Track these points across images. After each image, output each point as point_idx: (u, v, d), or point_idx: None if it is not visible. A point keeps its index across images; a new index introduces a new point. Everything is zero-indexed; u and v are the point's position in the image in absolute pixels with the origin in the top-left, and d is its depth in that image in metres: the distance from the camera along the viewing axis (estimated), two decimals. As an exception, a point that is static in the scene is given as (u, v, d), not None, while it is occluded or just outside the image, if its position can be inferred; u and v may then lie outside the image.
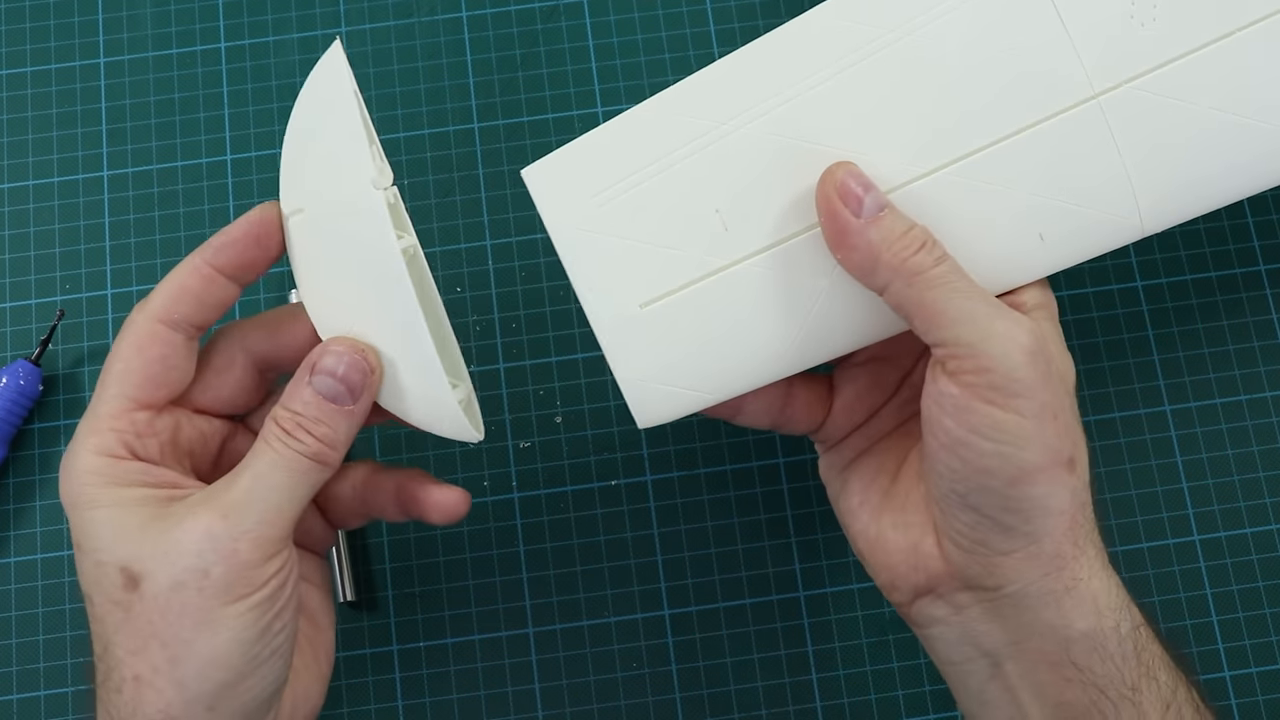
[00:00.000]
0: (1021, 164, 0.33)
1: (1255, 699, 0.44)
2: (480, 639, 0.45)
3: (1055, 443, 0.31)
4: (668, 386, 0.35)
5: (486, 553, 0.46)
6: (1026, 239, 0.34)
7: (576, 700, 0.44)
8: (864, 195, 0.32)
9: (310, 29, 0.51)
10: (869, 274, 0.33)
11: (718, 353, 0.35)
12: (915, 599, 0.35)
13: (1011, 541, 0.32)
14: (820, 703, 0.44)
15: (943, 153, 0.34)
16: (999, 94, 0.33)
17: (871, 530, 0.36)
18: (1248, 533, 0.45)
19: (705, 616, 0.45)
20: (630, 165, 0.34)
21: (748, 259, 0.34)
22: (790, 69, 0.34)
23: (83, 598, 0.32)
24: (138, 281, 0.48)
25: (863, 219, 0.32)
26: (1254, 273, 0.48)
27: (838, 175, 0.33)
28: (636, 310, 0.34)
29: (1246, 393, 0.47)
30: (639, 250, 0.34)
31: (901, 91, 0.34)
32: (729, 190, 0.34)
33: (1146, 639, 0.33)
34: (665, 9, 0.51)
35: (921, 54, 0.33)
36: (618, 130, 0.34)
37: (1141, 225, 0.34)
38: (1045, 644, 0.32)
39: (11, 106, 0.50)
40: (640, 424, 0.35)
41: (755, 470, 0.46)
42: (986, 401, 0.31)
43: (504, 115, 0.50)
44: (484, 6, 0.51)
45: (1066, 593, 0.32)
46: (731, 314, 0.34)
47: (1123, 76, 0.33)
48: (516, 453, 0.47)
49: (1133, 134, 0.33)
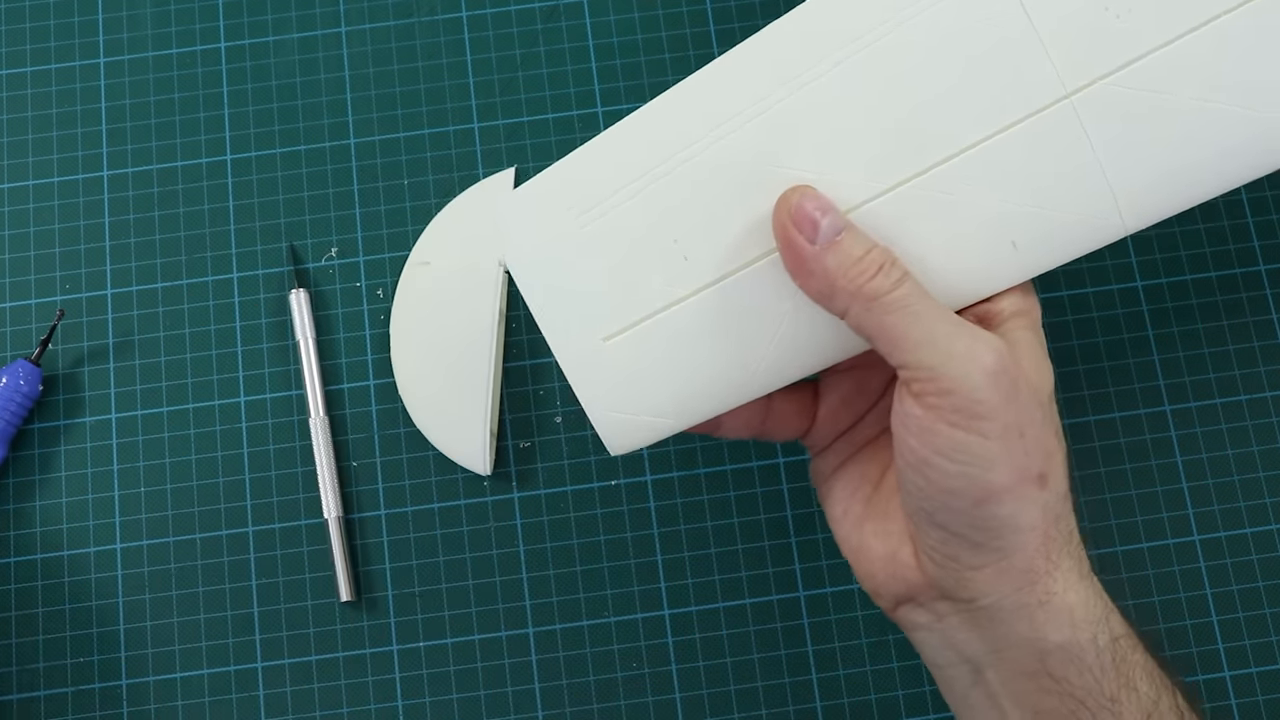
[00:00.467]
0: (990, 172, 0.33)
1: (1255, 699, 0.44)
2: (480, 639, 0.45)
3: (1023, 460, 0.31)
4: (636, 416, 0.35)
5: (486, 552, 0.46)
6: (998, 247, 0.33)
7: (576, 700, 0.44)
8: (821, 219, 0.32)
9: (310, 29, 0.51)
10: (827, 300, 0.32)
11: (684, 380, 0.34)
12: (897, 605, 0.35)
13: (981, 557, 0.32)
14: (820, 703, 0.44)
15: (906, 166, 0.33)
16: (964, 102, 0.33)
17: (854, 538, 0.36)
18: (1248, 532, 0.45)
19: (705, 616, 0.45)
20: (588, 199, 0.34)
21: (709, 287, 0.34)
22: (745, 90, 0.33)
23: None
24: (137, 281, 0.48)
25: (819, 245, 0.32)
26: (1254, 273, 0.48)
27: (792, 201, 0.32)
28: (600, 343, 0.34)
29: (1246, 393, 0.47)
30: (600, 284, 0.34)
31: (862, 106, 0.33)
32: (687, 219, 0.34)
33: (1127, 649, 0.32)
34: (665, 9, 0.51)
35: (881, 67, 0.33)
36: (575, 164, 0.34)
37: (1123, 224, 0.33)
38: (1021, 655, 0.32)
39: (11, 106, 0.50)
40: (612, 452, 0.35)
41: (755, 470, 0.46)
42: (950, 424, 0.31)
43: (504, 115, 0.50)
44: (484, 6, 0.51)
45: (1040, 606, 0.32)
46: (695, 342, 0.34)
47: (1097, 73, 0.32)
48: (516, 452, 0.47)
49: (1108, 131, 0.33)
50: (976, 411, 0.31)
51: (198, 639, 0.45)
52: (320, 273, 0.48)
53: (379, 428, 0.47)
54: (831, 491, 0.37)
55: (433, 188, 0.49)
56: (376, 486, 0.46)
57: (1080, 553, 0.33)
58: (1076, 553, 0.33)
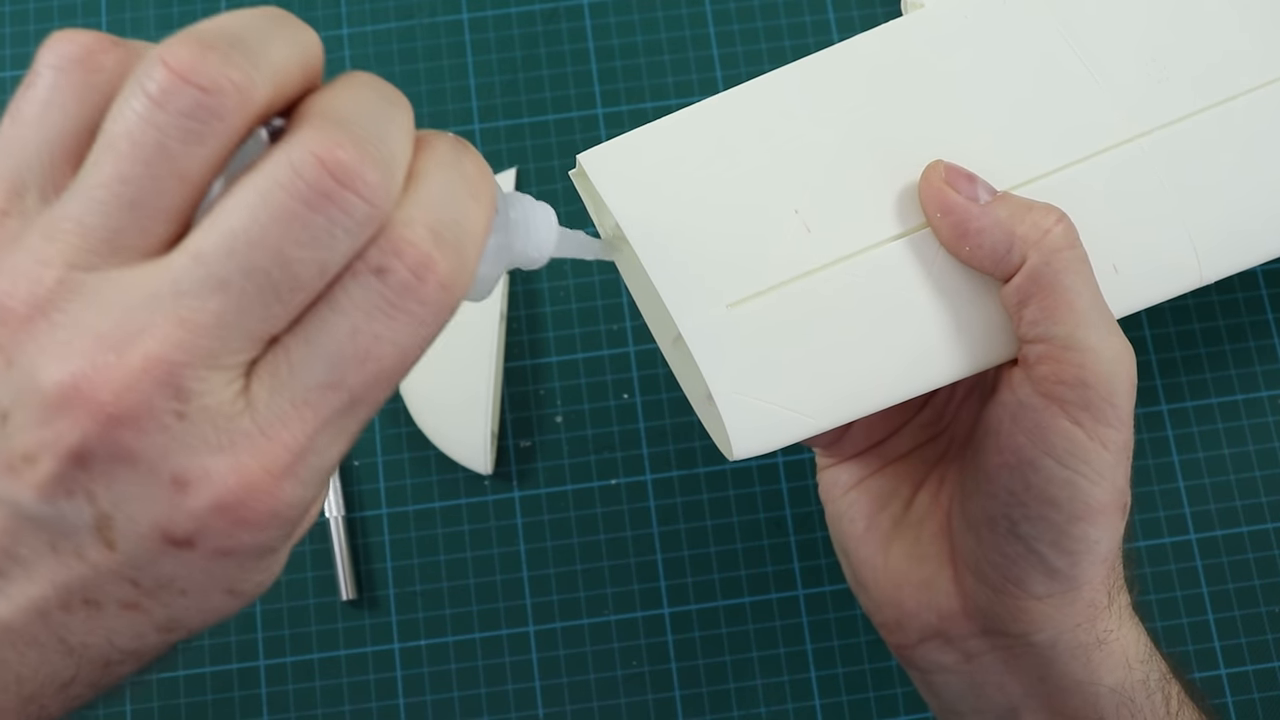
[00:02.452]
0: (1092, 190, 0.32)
1: (1251, 696, 0.44)
2: (481, 637, 0.45)
3: (1123, 484, 0.29)
4: (771, 405, 0.30)
5: (487, 551, 0.46)
6: (1102, 268, 0.31)
7: (577, 698, 0.45)
8: (975, 181, 0.30)
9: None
10: (1002, 255, 0.29)
11: (821, 372, 0.30)
12: (920, 641, 0.32)
13: (1051, 584, 0.29)
14: (819, 700, 0.44)
15: (1023, 170, 0.31)
16: (1062, 121, 0.32)
17: (878, 559, 0.33)
18: (1244, 531, 0.45)
19: (704, 615, 0.45)
20: (699, 158, 0.31)
21: (835, 264, 0.31)
22: (858, 84, 0.32)
23: None
24: (141, 282, 0.48)
25: (983, 200, 0.29)
26: (1250, 272, 0.48)
27: (940, 167, 0.30)
28: (725, 310, 0.30)
29: (1242, 392, 0.47)
30: (720, 250, 0.30)
31: (975, 110, 0.32)
32: (809, 191, 0.31)
33: (1173, 688, 0.31)
34: (665, 11, 0.51)
35: (994, 80, 0.32)
36: (684, 121, 0.31)
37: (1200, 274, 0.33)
38: (1071, 700, 0.30)
39: (15, 108, 0.50)
40: (734, 454, 0.30)
41: (754, 469, 0.47)
42: (1073, 421, 0.28)
43: (505, 116, 0.50)
44: (485, 9, 0.51)
45: (1098, 646, 0.30)
46: (825, 327, 0.30)
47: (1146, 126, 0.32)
48: (517, 452, 0.47)
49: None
50: (1107, 416, 0.28)
51: (200, 637, 0.45)
52: (322, 273, 0.48)
53: (381, 427, 0.47)
54: (853, 506, 0.34)
55: (434, 189, 0.49)
56: (378, 485, 0.46)
57: (1127, 590, 0.31)
58: (1125, 590, 0.31)
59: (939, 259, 0.31)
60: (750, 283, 0.30)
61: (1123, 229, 0.32)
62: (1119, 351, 0.29)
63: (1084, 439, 0.28)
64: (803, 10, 0.51)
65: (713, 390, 0.30)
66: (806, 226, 0.31)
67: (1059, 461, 0.28)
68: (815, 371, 0.30)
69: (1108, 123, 0.32)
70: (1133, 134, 0.32)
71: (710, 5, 0.51)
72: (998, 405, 0.30)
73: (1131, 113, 0.32)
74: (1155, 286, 0.32)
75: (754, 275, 0.30)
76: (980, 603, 0.31)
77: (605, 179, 0.31)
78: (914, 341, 0.30)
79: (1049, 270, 0.28)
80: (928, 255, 0.30)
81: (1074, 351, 0.28)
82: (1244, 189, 0.33)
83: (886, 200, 0.31)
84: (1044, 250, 0.28)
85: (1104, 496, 0.29)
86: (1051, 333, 0.28)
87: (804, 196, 0.31)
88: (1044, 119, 0.32)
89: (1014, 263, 0.29)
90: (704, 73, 0.50)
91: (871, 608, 0.34)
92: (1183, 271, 0.32)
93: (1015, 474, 0.29)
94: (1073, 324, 0.28)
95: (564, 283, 0.48)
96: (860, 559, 0.34)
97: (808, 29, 0.51)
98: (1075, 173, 0.32)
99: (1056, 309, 0.28)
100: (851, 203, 0.31)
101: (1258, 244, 0.33)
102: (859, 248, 0.31)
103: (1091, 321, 0.28)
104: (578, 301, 0.48)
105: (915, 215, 0.31)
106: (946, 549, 0.32)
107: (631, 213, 0.30)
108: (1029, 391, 0.29)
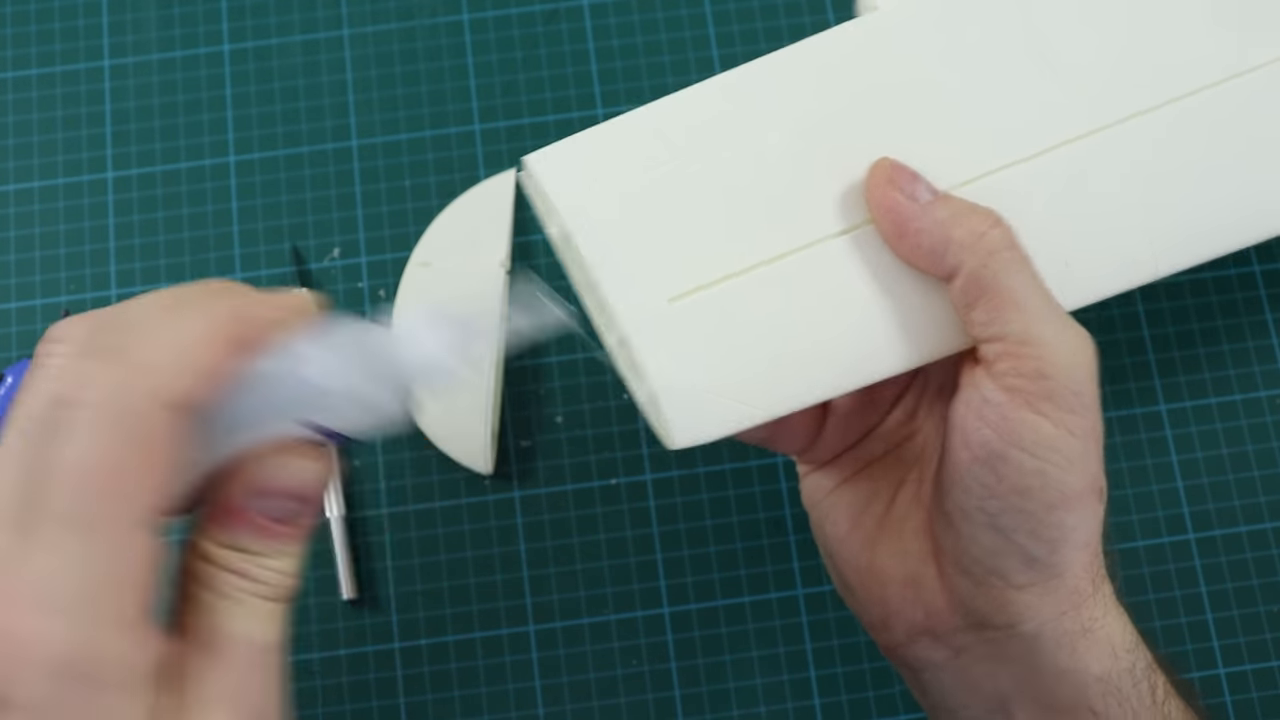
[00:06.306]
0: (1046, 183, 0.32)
1: (1250, 696, 0.44)
2: (481, 636, 0.45)
3: (1095, 468, 0.29)
4: (712, 396, 0.31)
5: (488, 551, 0.46)
6: (1053, 263, 0.31)
7: (577, 697, 0.45)
8: (918, 181, 0.30)
9: (313, 32, 0.51)
10: (939, 258, 0.29)
11: (761, 362, 0.31)
12: (910, 639, 0.32)
13: (1031, 573, 0.30)
14: (818, 700, 0.45)
15: (972, 166, 0.32)
16: (1028, 110, 0.32)
17: (863, 559, 0.33)
18: (1242, 531, 0.45)
19: (704, 614, 0.45)
20: (646, 158, 0.32)
21: (780, 259, 0.31)
22: (807, 84, 0.32)
23: None
24: (141, 282, 0.48)
25: (923, 201, 0.30)
26: (1248, 273, 0.48)
27: (886, 165, 0.30)
28: (665, 304, 0.31)
29: (1241, 392, 0.47)
30: (663, 245, 0.31)
31: (926, 109, 0.32)
32: (754, 188, 0.32)
33: (1158, 677, 0.31)
34: (665, 12, 0.51)
35: (953, 78, 0.32)
36: (632, 122, 0.32)
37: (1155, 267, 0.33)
38: (1059, 689, 0.30)
39: (17, 109, 0.50)
40: (674, 442, 0.31)
41: (754, 469, 0.47)
42: (1036, 412, 0.28)
43: (505, 117, 0.50)
44: (485, 9, 0.51)
45: (1084, 634, 0.30)
46: (768, 320, 0.31)
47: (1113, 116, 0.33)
48: (517, 452, 0.47)
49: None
50: (1070, 404, 0.29)
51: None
52: (323, 274, 0.49)
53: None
54: (834, 510, 0.35)
55: (434, 189, 0.49)
56: (379, 485, 0.46)
57: (1109, 578, 0.32)
58: (1108, 578, 0.31)
59: (884, 255, 0.31)
60: (692, 277, 0.31)
61: (1076, 222, 0.32)
62: (1075, 340, 0.29)
63: (1050, 429, 0.29)
64: (802, 11, 0.51)
65: (651, 378, 0.30)
66: (751, 223, 0.31)
67: (1028, 452, 0.29)
68: (757, 362, 0.31)
69: (1062, 119, 0.32)
70: (1088, 129, 0.32)
71: (710, 6, 0.51)
72: (961, 402, 0.30)
73: (1087, 108, 0.32)
74: (1109, 281, 0.33)
75: (696, 270, 0.31)
76: (965, 596, 0.31)
77: (550, 177, 0.32)
78: (857, 333, 0.31)
79: (987, 273, 0.29)
80: (872, 251, 0.31)
81: (1030, 346, 0.29)
82: (1200, 183, 0.33)
83: (833, 197, 0.32)
84: (979, 254, 0.29)
85: (1077, 483, 0.29)
86: (1005, 331, 0.29)
87: (749, 194, 0.32)
88: (997, 116, 0.32)
89: (950, 264, 0.29)
90: (704, 73, 0.50)
91: (859, 608, 0.34)
92: (1137, 265, 0.33)
93: (986, 467, 0.29)
94: (1024, 321, 0.29)
95: (564, 282, 0.48)
96: (845, 561, 0.34)
97: (808, 29, 0.51)
98: (1028, 168, 0.32)
99: (1004, 309, 0.29)
100: (797, 200, 0.32)
101: (1215, 238, 0.34)
102: (803, 243, 0.31)
103: (1043, 316, 0.29)
104: (576, 303, 0.48)
105: (861, 212, 0.31)
106: (929, 546, 0.32)
107: (574, 207, 0.31)
108: (991, 387, 0.29)
